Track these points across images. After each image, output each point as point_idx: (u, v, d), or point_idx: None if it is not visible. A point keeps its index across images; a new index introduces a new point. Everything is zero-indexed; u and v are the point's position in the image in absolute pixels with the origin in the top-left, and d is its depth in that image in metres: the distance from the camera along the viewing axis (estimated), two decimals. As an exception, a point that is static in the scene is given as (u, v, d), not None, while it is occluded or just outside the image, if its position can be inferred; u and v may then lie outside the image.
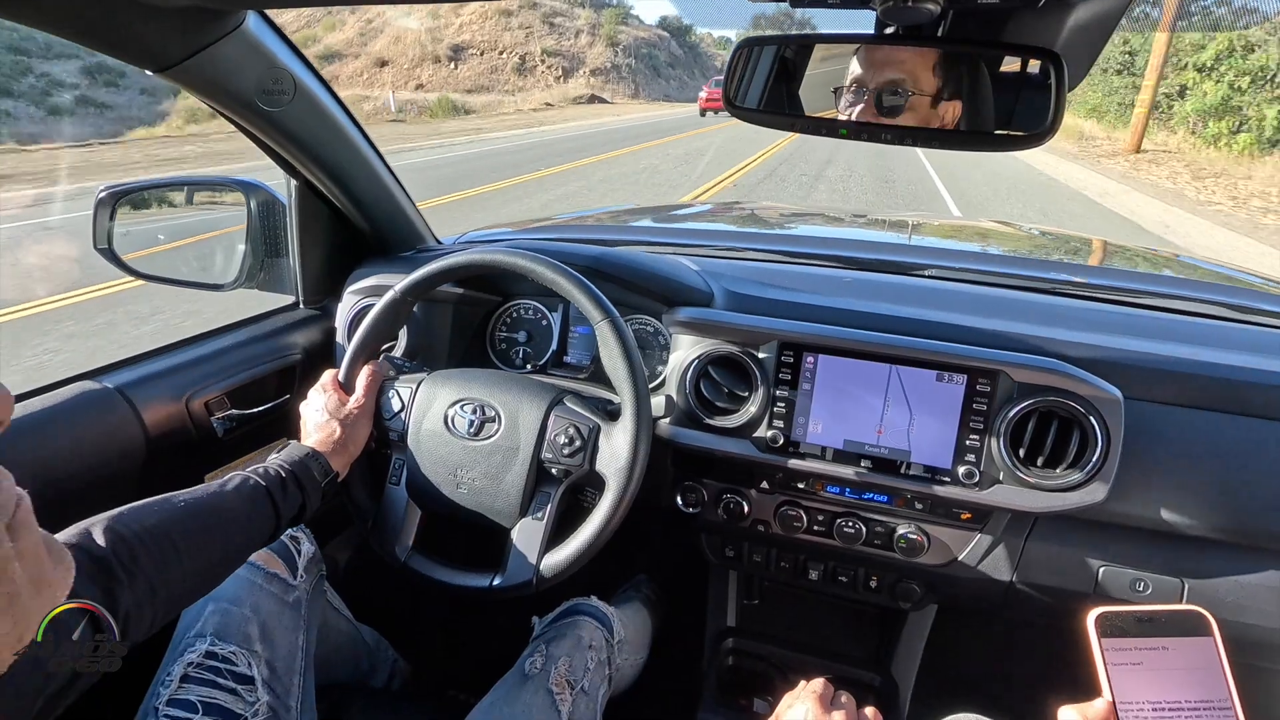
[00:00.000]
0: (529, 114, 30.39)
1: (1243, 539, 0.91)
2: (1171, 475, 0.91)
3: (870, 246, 1.55)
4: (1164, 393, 0.93)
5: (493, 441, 0.93)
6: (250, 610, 0.83)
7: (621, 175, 10.57)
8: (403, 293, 0.99)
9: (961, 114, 0.68)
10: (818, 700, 0.68)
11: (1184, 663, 0.52)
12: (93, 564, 0.59)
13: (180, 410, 1.04)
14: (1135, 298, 1.14)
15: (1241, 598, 0.92)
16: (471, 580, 0.94)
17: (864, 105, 0.70)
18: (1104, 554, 0.96)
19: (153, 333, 3.94)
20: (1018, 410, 0.90)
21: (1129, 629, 0.53)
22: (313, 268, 1.27)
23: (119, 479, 0.96)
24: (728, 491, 1.09)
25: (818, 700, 0.68)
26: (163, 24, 0.76)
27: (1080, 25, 0.64)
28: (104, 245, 1.15)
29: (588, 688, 0.94)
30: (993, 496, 0.92)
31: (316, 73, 1.02)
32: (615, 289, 1.08)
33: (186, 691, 0.75)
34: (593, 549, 0.90)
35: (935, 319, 1.01)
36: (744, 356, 1.00)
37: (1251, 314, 1.10)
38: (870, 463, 0.97)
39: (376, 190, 1.21)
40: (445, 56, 40.71)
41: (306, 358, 1.25)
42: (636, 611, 1.34)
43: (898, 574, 1.10)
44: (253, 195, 1.23)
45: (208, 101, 0.92)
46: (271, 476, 0.80)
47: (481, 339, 1.28)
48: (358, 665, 1.14)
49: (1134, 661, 0.52)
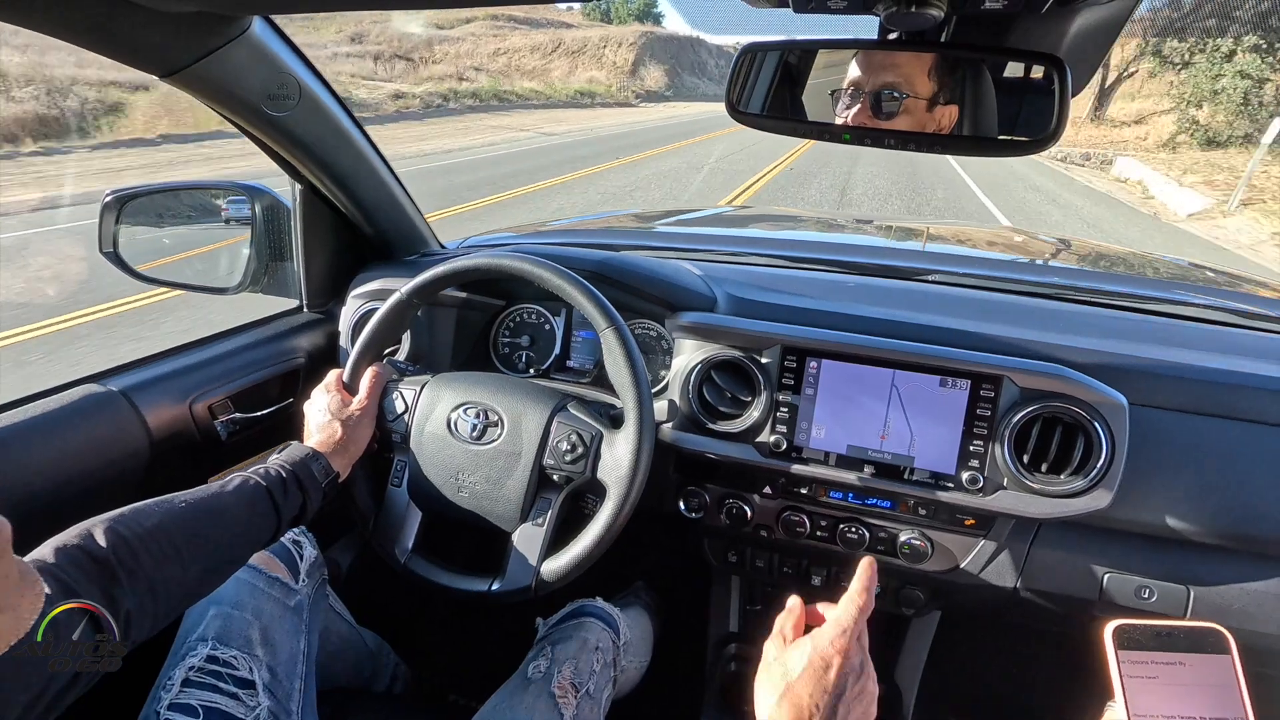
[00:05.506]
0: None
1: (1249, 546, 0.91)
2: (1177, 481, 0.91)
3: (873, 251, 1.55)
4: (1169, 399, 0.92)
5: (495, 446, 0.93)
6: (252, 614, 0.83)
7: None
8: (408, 296, 0.99)
9: (964, 118, 0.69)
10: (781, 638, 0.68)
11: (1200, 679, 0.51)
12: (94, 564, 0.60)
13: (184, 413, 1.04)
14: (1140, 303, 1.14)
15: (1248, 605, 0.91)
16: (471, 584, 0.94)
17: (859, 108, 0.70)
18: (1109, 560, 0.96)
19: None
20: (1022, 416, 0.90)
21: (1146, 643, 0.53)
22: (317, 272, 1.27)
23: (122, 482, 0.96)
24: (730, 496, 1.08)
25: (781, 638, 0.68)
26: (169, 29, 0.77)
27: (1084, 31, 0.64)
28: (110, 249, 1.15)
29: (593, 691, 0.94)
30: (997, 502, 0.92)
31: (321, 77, 1.03)
32: (619, 293, 1.08)
33: (188, 695, 0.75)
34: (592, 556, 0.89)
35: (939, 324, 1.01)
36: (747, 361, 1.00)
37: (1257, 319, 1.10)
38: (873, 468, 0.96)
39: (380, 194, 1.22)
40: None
41: (310, 361, 1.25)
42: (639, 615, 1.34)
43: (901, 580, 1.10)
44: (257, 199, 1.23)
45: (213, 106, 0.93)
46: (272, 477, 0.80)
47: (485, 343, 1.28)
48: (359, 669, 1.14)
49: (1150, 675, 0.52)
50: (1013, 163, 14.29)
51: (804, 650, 0.63)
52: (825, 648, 0.62)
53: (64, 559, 0.59)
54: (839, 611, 0.65)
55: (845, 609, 0.65)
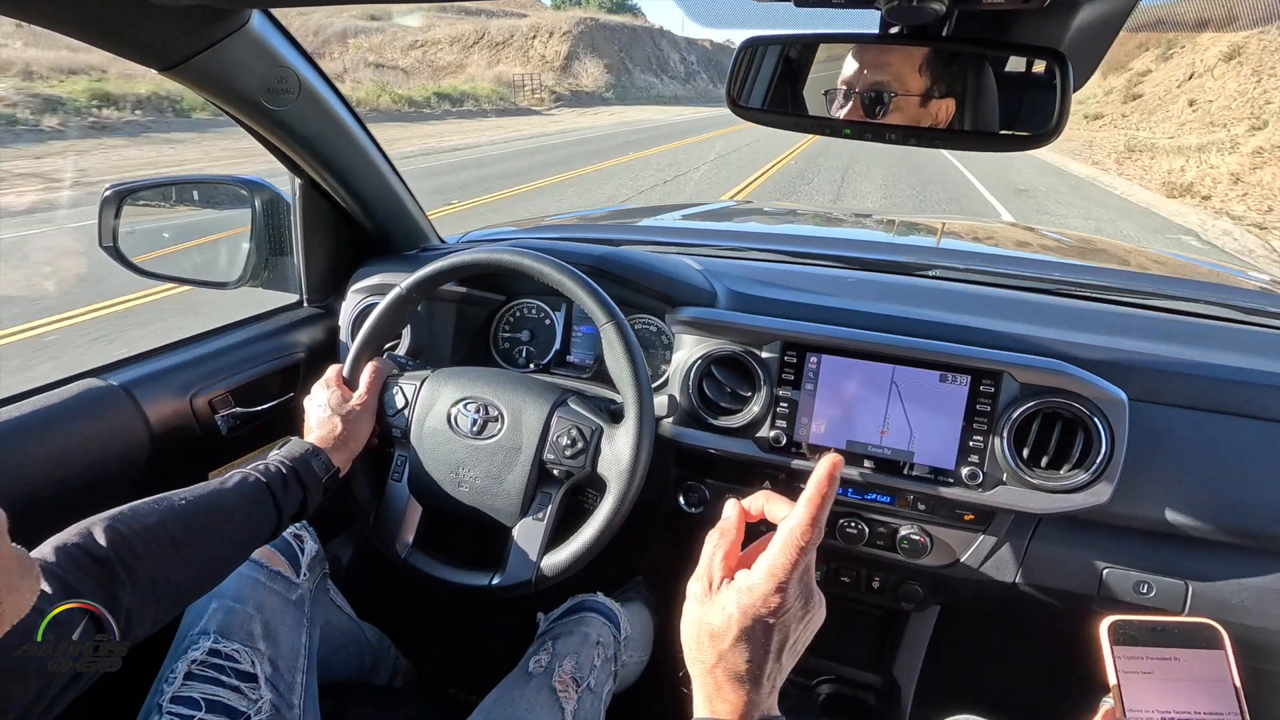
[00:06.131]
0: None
1: (1248, 541, 0.91)
2: (1176, 477, 0.91)
3: (874, 247, 1.55)
4: (1169, 394, 0.92)
5: (495, 441, 0.94)
6: (254, 608, 0.84)
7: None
8: (408, 290, 0.99)
9: (965, 113, 0.68)
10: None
11: (1195, 674, 0.52)
12: (94, 563, 0.60)
13: (184, 408, 1.04)
14: (1140, 299, 1.14)
15: (1246, 600, 0.91)
16: (471, 578, 0.95)
17: (850, 107, 0.70)
18: (1108, 556, 0.96)
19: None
20: (1022, 411, 0.90)
21: (1141, 638, 0.53)
22: (317, 266, 1.27)
23: (123, 477, 0.96)
24: (730, 491, 1.09)
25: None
26: (168, 23, 0.77)
27: (1086, 25, 0.64)
28: (109, 243, 1.15)
29: (593, 685, 0.94)
30: (996, 498, 0.92)
31: (321, 71, 1.03)
32: (619, 288, 1.08)
33: (190, 689, 0.75)
34: (592, 551, 0.90)
35: (939, 319, 1.01)
36: (747, 356, 1.00)
37: (1257, 315, 1.10)
38: (873, 463, 0.97)
39: (380, 189, 1.22)
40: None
41: (310, 356, 1.25)
42: (639, 610, 1.34)
43: (900, 575, 1.10)
44: (257, 194, 1.23)
45: (212, 100, 0.93)
46: (272, 473, 0.81)
47: (485, 338, 1.28)
48: (360, 663, 1.14)
49: (1145, 670, 0.52)
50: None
51: (729, 610, 0.51)
52: (757, 607, 0.51)
53: (64, 558, 0.59)
54: (774, 553, 0.51)
55: (783, 550, 0.51)
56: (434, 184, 9.20)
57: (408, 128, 18.80)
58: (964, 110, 0.68)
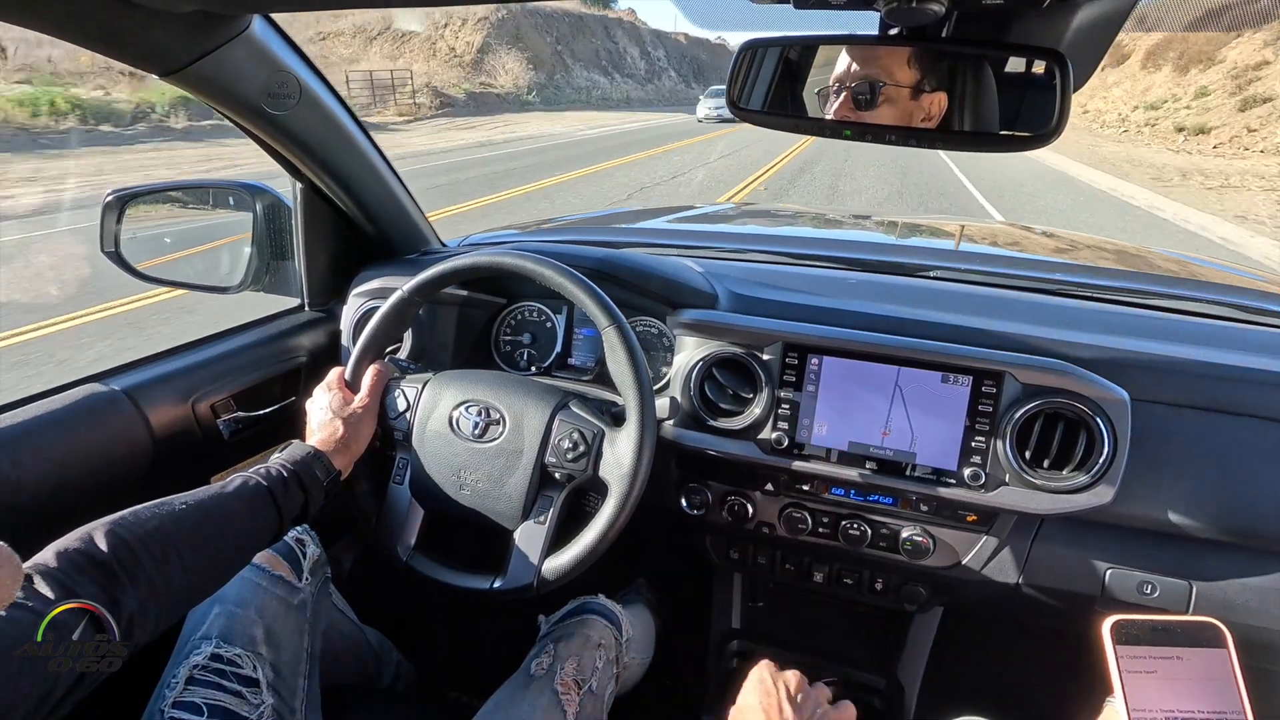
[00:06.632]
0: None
1: (1251, 541, 0.91)
2: (1179, 477, 0.91)
3: (875, 248, 1.55)
4: (1171, 394, 0.92)
5: (497, 444, 0.93)
6: (255, 613, 0.84)
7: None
8: (409, 294, 0.99)
9: (965, 113, 0.68)
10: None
11: (1198, 673, 0.52)
12: (95, 568, 0.60)
13: (186, 413, 1.04)
14: (1142, 299, 1.14)
15: (1250, 600, 0.91)
16: (472, 581, 0.95)
17: (841, 101, 0.70)
18: (1111, 556, 0.96)
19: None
20: (1024, 412, 0.90)
21: (1144, 637, 0.53)
22: (318, 270, 1.27)
23: (125, 481, 0.96)
24: (732, 494, 1.08)
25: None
26: (168, 28, 0.77)
27: (1085, 25, 0.64)
28: (111, 249, 1.15)
29: (595, 687, 0.94)
30: (998, 498, 0.92)
31: (321, 76, 1.03)
32: (620, 291, 1.08)
33: (192, 694, 0.75)
34: (594, 555, 0.90)
35: (940, 320, 1.01)
36: (748, 358, 1.00)
37: (1259, 315, 1.10)
38: (875, 465, 0.96)
39: (381, 193, 1.22)
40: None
41: (312, 360, 1.25)
42: (641, 612, 1.34)
43: (903, 576, 1.10)
44: (258, 198, 1.23)
45: (214, 105, 0.93)
46: (273, 477, 0.81)
47: (486, 341, 1.28)
48: (362, 667, 1.14)
49: (1148, 670, 0.52)
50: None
51: None
52: None
53: (66, 563, 0.59)
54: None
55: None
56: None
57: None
58: (963, 110, 0.68)
